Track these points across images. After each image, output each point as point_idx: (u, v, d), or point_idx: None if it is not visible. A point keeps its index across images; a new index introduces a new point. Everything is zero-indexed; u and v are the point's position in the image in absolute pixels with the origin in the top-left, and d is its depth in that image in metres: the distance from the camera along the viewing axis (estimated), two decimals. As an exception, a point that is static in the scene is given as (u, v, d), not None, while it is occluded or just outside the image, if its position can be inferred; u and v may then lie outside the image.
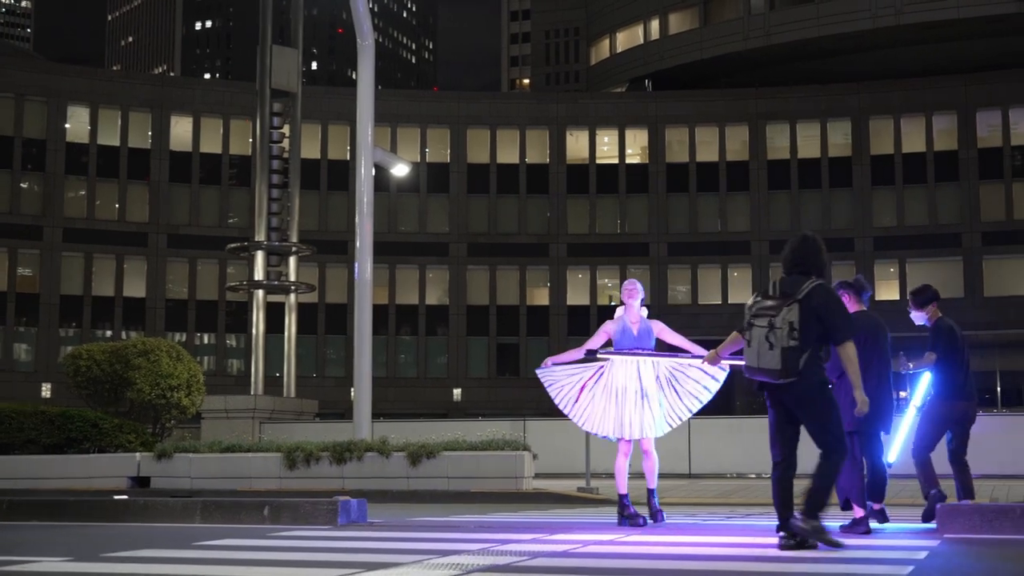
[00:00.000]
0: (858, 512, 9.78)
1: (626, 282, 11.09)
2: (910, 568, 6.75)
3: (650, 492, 10.84)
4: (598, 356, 10.68)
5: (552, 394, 10.98)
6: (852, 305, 10.67)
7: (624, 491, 10.69)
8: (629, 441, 10.66)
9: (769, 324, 7.99)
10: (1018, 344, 57.01)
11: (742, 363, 8.25)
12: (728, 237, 60.40)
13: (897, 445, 11.01)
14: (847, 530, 9.55)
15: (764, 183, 60.47)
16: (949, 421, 10.58)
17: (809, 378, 7.93)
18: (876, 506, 10.15)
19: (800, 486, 8.10)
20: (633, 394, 10.52)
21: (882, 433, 10.12)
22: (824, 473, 7.93)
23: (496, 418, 32.61)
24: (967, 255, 57.52)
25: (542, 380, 11.08)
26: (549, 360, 11.14)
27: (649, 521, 10.70)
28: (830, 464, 7.95)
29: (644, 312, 10.97)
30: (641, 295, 10.97)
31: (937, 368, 10.62)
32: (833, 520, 9.61)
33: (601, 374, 10.75)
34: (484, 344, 61.31)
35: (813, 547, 7.80)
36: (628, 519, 10.53)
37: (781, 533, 8.00)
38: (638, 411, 10.50)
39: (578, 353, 11.01)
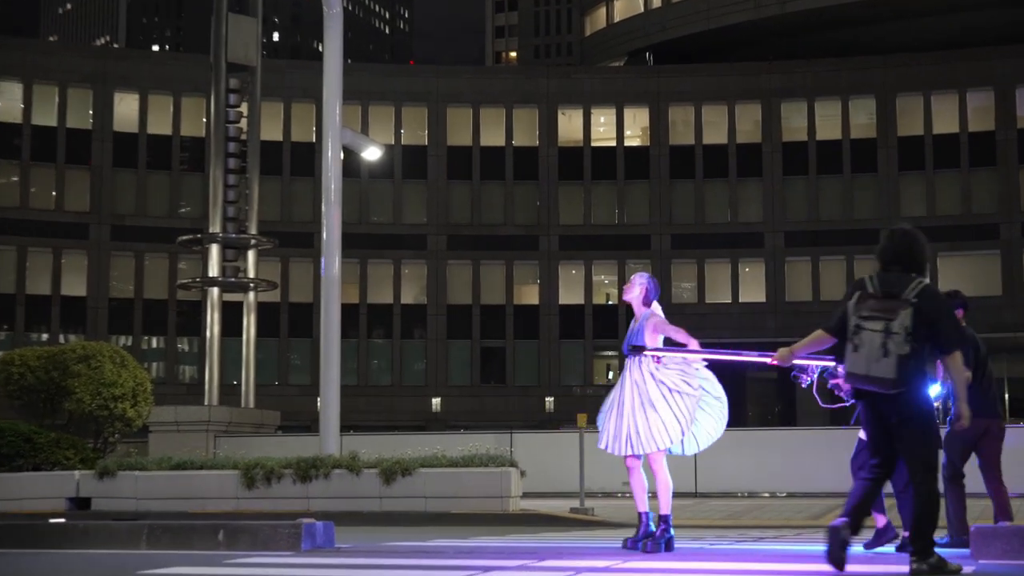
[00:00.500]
0: (880, 520, 10.22)
1: (634, 276, 10.85)
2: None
3: (660, 519, 10.73)
4: (645, 352, 10.41)
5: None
6: None
7: (640, 509, 10.54)
8: (632, 457, 10.54)
9: (885, 328, 7.86)
10: (1062, 347, 57.18)
11: (818, 364, 8.45)
12: (738, 228, 60.48)
13: None
14: (872, 545, 10.13)
15: (779, 168, 60.56)
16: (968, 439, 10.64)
17: (918, 389, 7.92)
18: (880, 523, 10.61)
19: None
20: (622, 405, 10.43)
21: None
22: (927, 500, 7.94)
23: (480, 431, 32.60)
24: (1005, 248, 57.67)
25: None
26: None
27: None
28: (926, 487, 7.96)
29: (657, 308, 10.79)
30: (644, 289, 10.72)
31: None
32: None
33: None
34: (466, 348, 61.30)
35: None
36: (649, 541, 10.35)
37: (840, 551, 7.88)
38: (630, 422, 10.40)
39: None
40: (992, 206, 58.52)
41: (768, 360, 9.06)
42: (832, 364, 9.95)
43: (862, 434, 10.55)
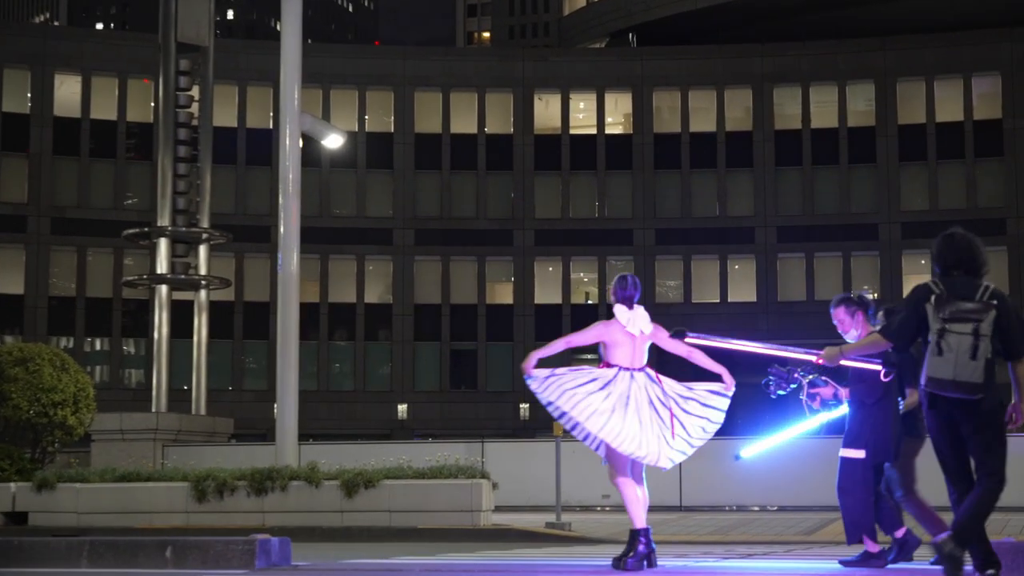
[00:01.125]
0: (871, 547, 10.55)
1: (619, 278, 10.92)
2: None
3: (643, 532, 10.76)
4: (687, 340, 10.47)
5: (559, 413, 10.46)
6: (863, 327, 11.13)
7: (644, 524, 10.49)
8: (638, 466, 10.56)
9: (975, 331, 8.14)
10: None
11: (867, 366, 9.26)
12: (728, 223, 60.65)
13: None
14: (856, 564, 10.43)
15: (771, 158, 60.76)
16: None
17: (995, 395, 8.18)
18: (899, 534, 10.90)
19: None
20: (652, 411, 10.40)
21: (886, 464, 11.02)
22: (983, 500, 8.21)
23: (449, 440, 32.65)
24: (1013, 244, 58.00)
25: (541, 397, 10.52)
26: (534, 357, 10.53)
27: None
28: (990, 490, 8.22)
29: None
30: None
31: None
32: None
33: (611, 381, 10.55)
34: (435, 351, 61.30)
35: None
36: (647, 560, 10.37)
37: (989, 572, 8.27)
38: (654, 431, 10.38)
39: (562, 344, 10.82)
40: (999, 199, 58.83)
41: (814, 359, 9.49)
42: (816, 373, 10.33)
43: (846, 452, 10.94)
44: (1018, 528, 16.17)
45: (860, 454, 10.89)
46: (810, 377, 10.97)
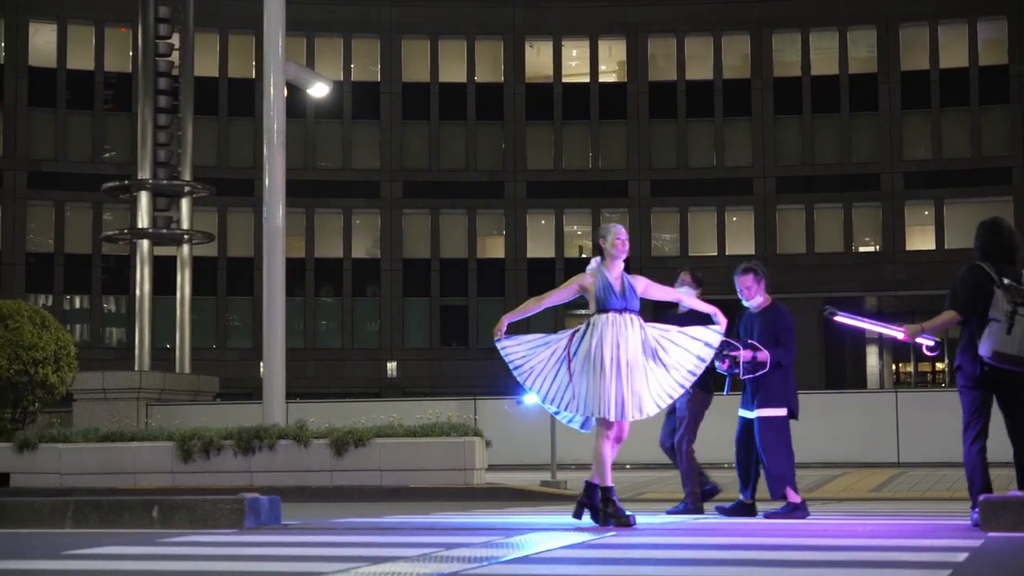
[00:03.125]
0: (794, 497, 11.88)
1: (620, 229, 11.20)
2: (947, 572, 6.86)
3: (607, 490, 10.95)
4: (837, 319, 11.56)
5: (523, 378, 10.99)
6: (763, 294, 12.35)
7: (609, 483, 10.78)
8: (612, 424, 10.73)
9: None
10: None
11: (930, 343, 10.47)
12: (725, 173, 60.60)
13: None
14: (781, 516, 11.77)
15: (770, 106, 60.66)
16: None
17: None
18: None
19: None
20: (623, 367, 10.60)
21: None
22: None
23: (440, 397, 32.75)
24: (1019, 193, 58.03)
25: (506, 359, 11.15)
26: (505, 321, 11.11)
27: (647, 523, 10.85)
28: None
29: (621, 266, 11.11)
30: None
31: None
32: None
33: (578, 343, 10.84)
34: (425, 306, 61.34)
35: None
36: (616, 518, 10.62)
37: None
38: (626, 387, 10.58)
39: (537, 307, 11.21)
40: (1004, 148, 58.78)
41: (900, 335, 10.81)
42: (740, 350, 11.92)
43: (766, 412, 12.08)
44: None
45: (782, 412, 12.08)
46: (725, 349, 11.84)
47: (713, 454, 23.20)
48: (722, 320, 11.11)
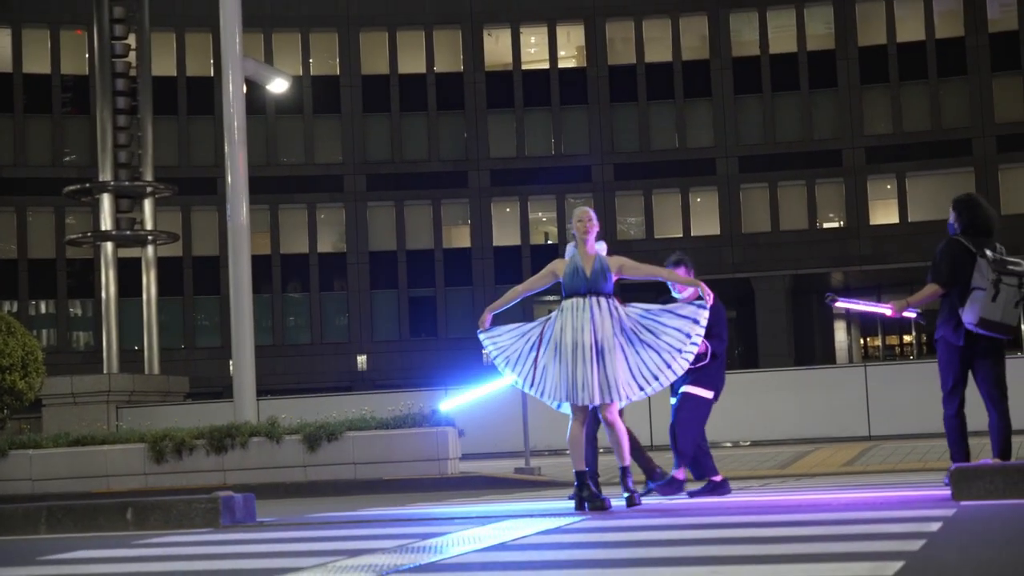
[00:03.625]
0: (716, 476, 12.25)
1: (583, 210, 11.14)
2: (921, 543, 6.90)
3: (622, 471, 10.91)
4: (838, 304, 11.97)
5: (502, 367, 10.96)
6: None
7: (583, 467, 10.76)
8: (586, 408, 10.70)
9: (1020, 283, 10.45)
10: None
11: (913, 315, 11.15)
12: (688, 155, 60.70)
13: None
14: (705, 494, 12.09)
15: (729, 86, 60.77)
16: None
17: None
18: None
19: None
20: (587, 350, 10.56)
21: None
22: (1008, 423, 10.77)
23: (411, 388, 32.71)
24: (980, 165, 58.32)
25: (487, 350, 11.14)
26: (488, 314, 11.13)
27: (620, 505, 10.83)
28: (1006, 412, 10.76)
29: (602, 248, 11.01)
30: (597, 226, 11.11)
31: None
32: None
33: (549, 329, 10.81)
34: (393, 298, 61.28)
35: None
36: (590, 501, 10.62)
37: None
38: (592, 370, 10.54)
39: (517, 297, 11.21)
40: (964, 119, 59.02)
41: (888, 311, 11.39)
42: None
43: (694, 390, 12.15)
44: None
45: (709, 394, 12.21)
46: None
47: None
48: (708, 294, 10.86)
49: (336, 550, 8.13)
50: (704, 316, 10.84)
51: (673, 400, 12.28)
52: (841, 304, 11.87)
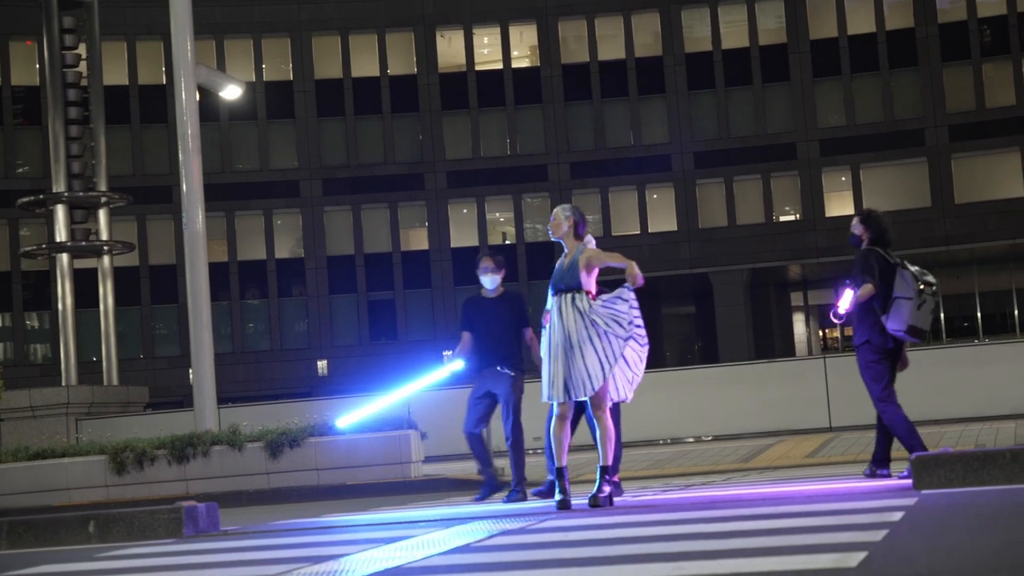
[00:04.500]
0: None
1: (556, 210, 11.11)
2: (883, 533, 6.93)
3: (600, 470, 10.82)
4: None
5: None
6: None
7: (564, 463, 10.71)
8: (563, 403, 10.66)
9: (934, 293, 11.53)
10: (999, 260, 58.48)
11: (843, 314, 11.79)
12: (644, 152, 60.84)
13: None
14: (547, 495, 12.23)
15: (683, 83, 60.93)
16: None
17: None
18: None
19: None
20: (555, 347, 10.58)
21: None
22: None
23: (372, 393, 32.60)
24: (932, 155, 58.68)
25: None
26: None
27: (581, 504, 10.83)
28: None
29: (590, 242, 10.96)
30: (573, 221, 10.96)
31: None
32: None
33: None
34: (352, 303, 61.16)
35: None
36: (558, 501, 10.61)
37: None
38: (560, 367, 10.52)
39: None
40: (916, 110, 59.36)
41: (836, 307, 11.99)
42: None
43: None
44: (990, 437, 16.55)
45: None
46: None
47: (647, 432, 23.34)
48: (632, 276, 10.46)
49: (299, 557, 8.11)
50: (629, 294, 10.60)
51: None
52: (843, 312, 12.24)
